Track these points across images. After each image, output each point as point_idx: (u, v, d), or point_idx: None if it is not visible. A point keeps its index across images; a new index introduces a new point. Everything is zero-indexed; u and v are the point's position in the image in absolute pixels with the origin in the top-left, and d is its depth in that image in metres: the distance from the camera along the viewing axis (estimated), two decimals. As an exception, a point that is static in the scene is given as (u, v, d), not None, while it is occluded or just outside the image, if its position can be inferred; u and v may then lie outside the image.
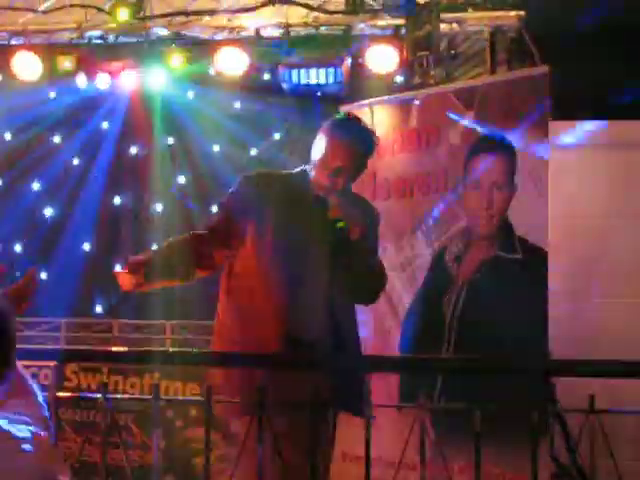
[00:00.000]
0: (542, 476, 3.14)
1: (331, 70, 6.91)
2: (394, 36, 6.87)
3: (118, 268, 3.70)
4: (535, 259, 4.45)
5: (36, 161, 8.03)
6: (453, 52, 6.96)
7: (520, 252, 4.52)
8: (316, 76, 6.93)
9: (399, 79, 6.96)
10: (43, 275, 7.81)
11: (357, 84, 6.88)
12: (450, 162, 4.87)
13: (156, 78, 7.20)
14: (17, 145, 8.10)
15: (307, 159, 3.77)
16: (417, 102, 5.12)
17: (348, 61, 6.91)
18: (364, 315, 5.09)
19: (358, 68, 6.91)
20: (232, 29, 7.09)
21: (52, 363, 5.98)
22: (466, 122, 4.83)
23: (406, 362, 3.60)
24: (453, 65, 6.94)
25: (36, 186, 8.09)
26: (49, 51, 7.25)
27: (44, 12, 7.20)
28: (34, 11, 7.18)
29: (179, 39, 7.10)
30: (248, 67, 6.94)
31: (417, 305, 4.93)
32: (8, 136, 8.10)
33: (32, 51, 7.16)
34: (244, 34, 7.06)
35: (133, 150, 8.14)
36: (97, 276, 7.97)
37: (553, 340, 4.34)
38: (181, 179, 8.06)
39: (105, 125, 8.01)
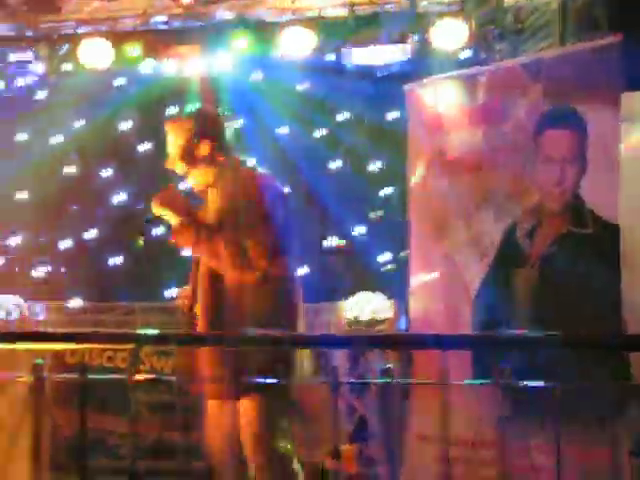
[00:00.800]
0: (618, 453, 3.10)
1: (396, 48, 6.87)
2: (459, 12, 6.80)
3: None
4: (607, 234, 4.39)
5: (107, 147, 8.12)
6: (520, 25, 6.86)
7: (592, 227, 4.46)
8: (381, 55, 6.89)
9: (465, 55, 6.90)
10: (118, 260, 7.93)
11: (423, 61, 6.83)
12: (519, 137, 4.81)
13: (222, 61, 7.23)
14: (88, 132, 8.19)
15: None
16: (483, 77, 5.06)
17: (413, 38, 6.86)
18: (437, 295, 5.09)
19: (423, 45, 6.86)
20: (296, 10, 7.09)
21: (129, 346, 6.06)
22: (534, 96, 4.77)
23: (479, 339, 3.58)
24: (520, 39, 6.85)
25: (107, 172, 8.18)
26: (116, 38, 7.33)
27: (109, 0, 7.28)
28: (100, -1, 7.28)
29: (243, 22, 7.12)
30: (313, 48, 6.94)
31: (489, 282, 4.90)
32: (79, 124, 8.21)
33: (100, 38, 7.25)
34: (309, 15, 7.06)
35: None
36: (169, 261, 8.05)
37: (627, 315, 4.28)
38: (251, 161, 8.05)
39: (172, 110, 8.06)
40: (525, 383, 3.86)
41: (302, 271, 6.47)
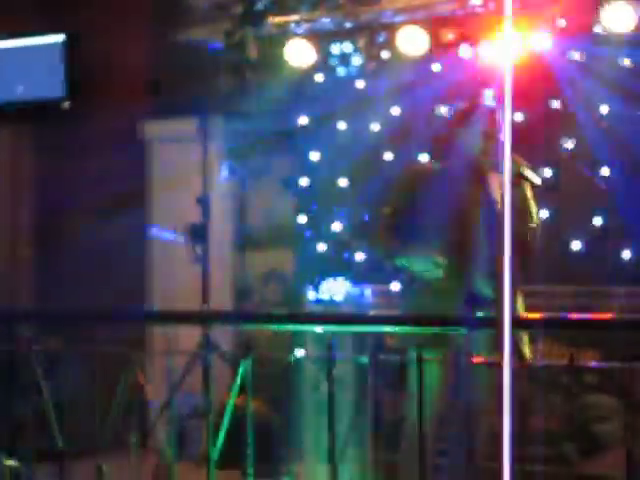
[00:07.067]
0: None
1: None
2: None
3: None
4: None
5: (423, 133, 8.17)
6: None
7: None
8: None
9: None
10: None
11: None
12: None
13: (538, 42, 7.11)
14: (405, 119, 8.29)
15: None
16: None
17: None
18: None
19: None
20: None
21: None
22: None
23: None
24: None
25: (424, 157, 8.23)
26: (432, 25, 7.42)
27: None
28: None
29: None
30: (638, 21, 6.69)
31: None
32: (396, 111, 8.32)
33: (417, 25, 7.37)
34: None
35: (518, 117, 8.03)
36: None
37: None
38: (568, 144, 7.83)
39: (488, 94, 7.98)
40: None
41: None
